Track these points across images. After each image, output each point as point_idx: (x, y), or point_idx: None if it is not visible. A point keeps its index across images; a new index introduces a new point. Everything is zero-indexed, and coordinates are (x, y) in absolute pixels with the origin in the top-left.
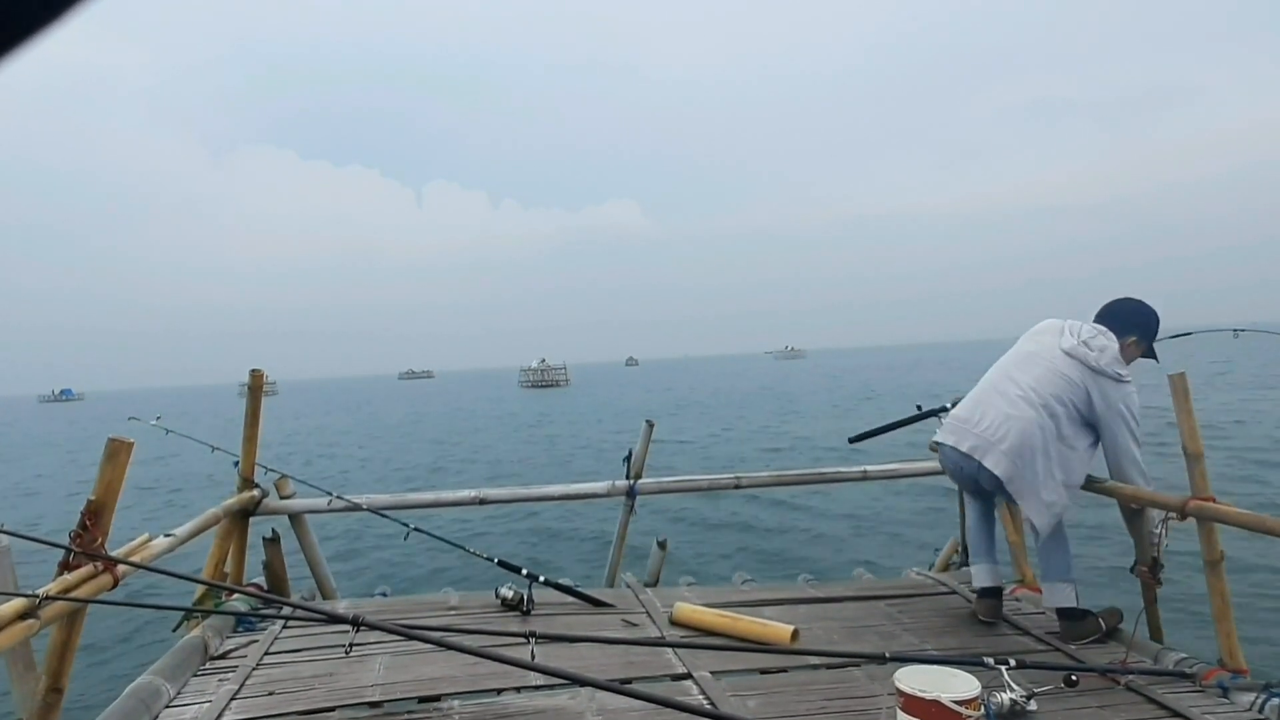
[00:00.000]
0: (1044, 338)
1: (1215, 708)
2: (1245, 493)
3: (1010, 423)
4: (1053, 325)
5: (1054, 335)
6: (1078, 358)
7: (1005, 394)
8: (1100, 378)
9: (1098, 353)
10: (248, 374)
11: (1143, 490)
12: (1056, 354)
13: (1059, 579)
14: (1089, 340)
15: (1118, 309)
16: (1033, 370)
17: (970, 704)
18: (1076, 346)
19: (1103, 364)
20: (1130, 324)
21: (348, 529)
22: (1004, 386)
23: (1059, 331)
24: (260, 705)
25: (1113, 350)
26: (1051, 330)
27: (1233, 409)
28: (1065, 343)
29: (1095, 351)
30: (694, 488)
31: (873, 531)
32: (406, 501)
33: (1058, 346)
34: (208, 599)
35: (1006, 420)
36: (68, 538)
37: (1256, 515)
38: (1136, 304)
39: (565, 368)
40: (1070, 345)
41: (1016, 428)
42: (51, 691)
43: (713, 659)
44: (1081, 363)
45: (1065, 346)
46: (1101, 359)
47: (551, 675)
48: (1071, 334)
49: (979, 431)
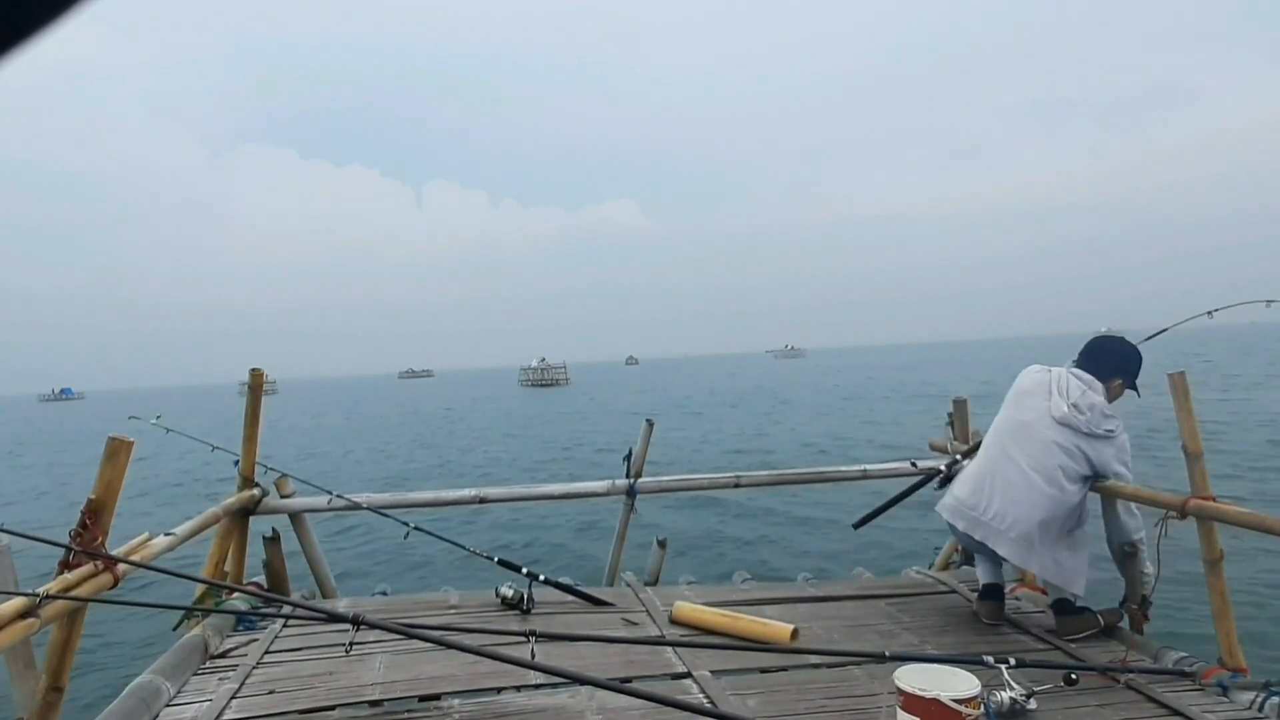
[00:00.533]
0: (1034, 401)
1: (1215, 706)
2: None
3: (1016, 509)
4: (1039, 383)
5: (1043, 398)
6: (1071, 426)
7: (1009, 480)
8: (1094, 441)
9: (1088, 415)
10: (248, 373)
11: (1142, 490)
12: (1049, 424)
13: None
14: (1078, 402)
15: (1101, 352)
16: (1030, 447)
17: (970, 703)
18: (1068, 415)
19: (1094, 428)
20: (1115, 368)
21: (349, 527)
22: (1006, 471)
23: (1047, 393)
24: (260, 704)
25: (1100, 405)
26: (1039, 390)
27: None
28: (1056, 410)
29: (1086, 414)
30: (694, 486)
31: (873, 530)
32: (407, 500)
33: (1049, 415)
34: (208, 598)
35: (1014, 506)
36: (68, 536)
37: (1256, 514)
38: (1117, 344)
39: (565, 367)
40: (1061, 414)
41: (1023, 515)
42: (52, 690)
43: (713, 658)
44: (1075, 430)
45: (1057, 415)
46: (1092, 422)
47: (551, 674)
48: (1060, 394)
49: (987, 520)
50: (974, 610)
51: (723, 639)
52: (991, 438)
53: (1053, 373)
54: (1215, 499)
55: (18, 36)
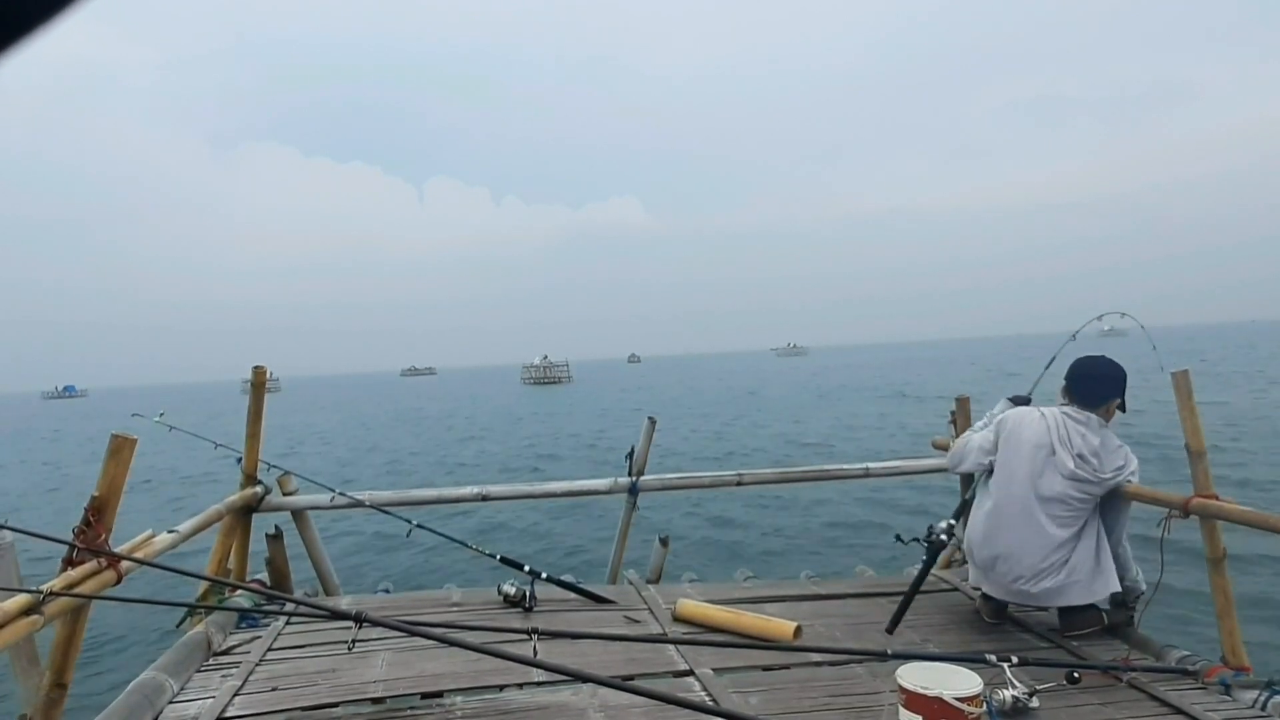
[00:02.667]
0: (1038, 456)
1: (1218, 705)
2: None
3: (1047, 564)
4: (1038, 430)
5: (1046, 451)
6: (1082, 479)
7: (1026, 544)
8: (1107, 483)
9: (1095, 462)
10: (250, 370)
11: (1144, 488)
12: (1060, 481)
13: None
14: (1083, 452)
15: (1088, 379)
16: (1048, 507)
17: (972, 701)
18: (1076, 470)
19: (1104, 471)
20: (1105, 393)
21: (350, 526)
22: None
23: (1050, 449)
24: (263, 701)
25: (1104, 444)
26: (1041, 442)
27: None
28: (1064, 468)
29: (1093, 461)
30: (696, 485)
31: (874, 530)
32: (409, 498)
33: (1058, 473)
34: (211, 595)
35: (1044, 561)
36: (71, 534)
37: (1260, 513)
38: (1103, 368)
39: (567, 364)
40: (1069, 470)
41: (1055, 566)
42: (55, 687)
43: (715, 655)
44: (1087, 481)
45: (1065, 473)
46: (1102, 468)
47: (554, 672)
48: (1064, 446)
49: (1018, 588)
50: (976, 608)
51: (725, 637)
52: (1000, 493)
53: (1049, 420)
54: (1218, 497)
55: (19, 33)
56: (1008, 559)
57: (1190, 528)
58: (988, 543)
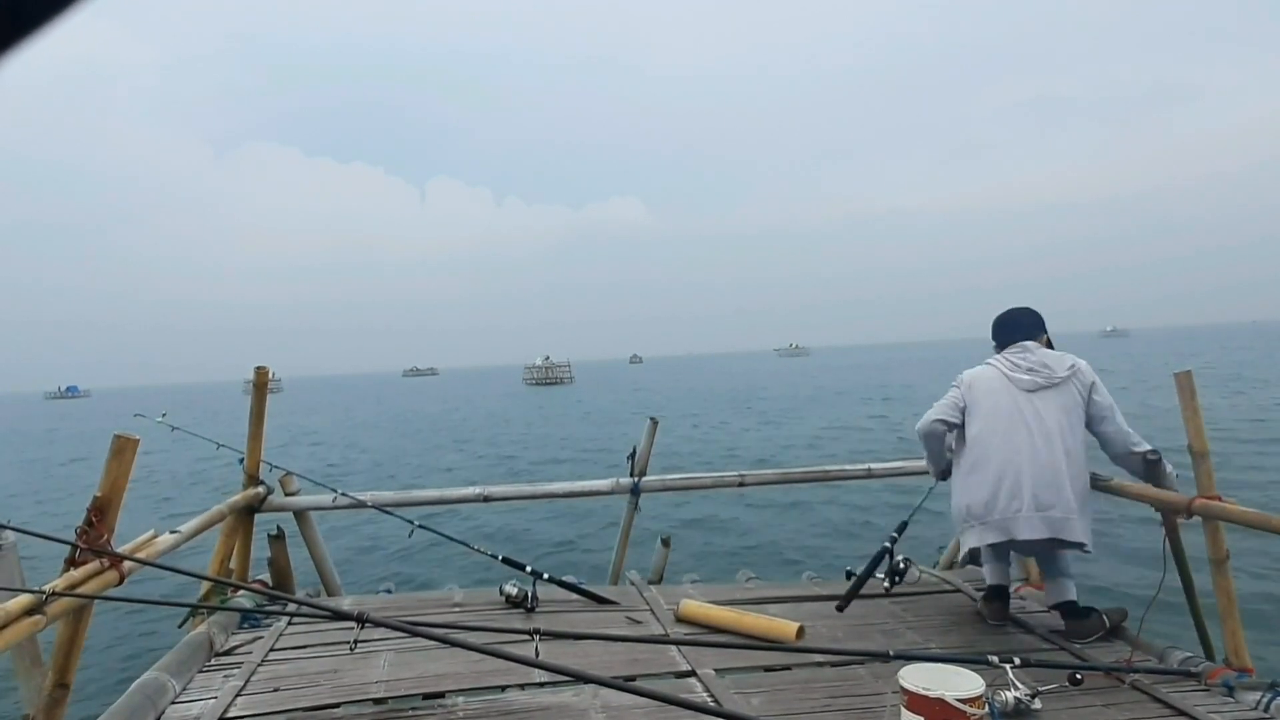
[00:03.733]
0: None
1: (1220, 706)
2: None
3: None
4: (992, 373)
5: (1004, 384)
6: (1043, 386)
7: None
8: (1069, 381)
9: (1046, 369)
10: (252, 371)
11: (1148, 489)
12: (1027, 400)
13: (1060, 574)
14: (1031, 365)
15: (1009, 323)
16: (1029, 427)
17: (974, 702)
18: (1032, 379)
19: (1057, 372)
20: (1030, 330)
21: (352, 526)
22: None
23: (1005, 379)
24: (265, 701)
25: (1050, 355)
26: (996, 381)
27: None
28: (1022, 384)
29: (1045, 369)
30: (698, 485)
31: (875, 530)
32: (411, 499)
33: (1022, 392)
34: (213, 595)
35: (1047, 488)
36: (74, 534)
37: (1262, 514)
38: (1020, 311)
39: (569, 365)
40: (1028, 382)
41: (1061, 486)
42: (58, 687)
43: (717, 656)
44: (1048, 387)
45: (1027, 387)
46: (1054, 370)
47: (556, 672)
48: (1015, 371)
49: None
50: (979, 610)
51: (727, 637)
52: (981, 442)
53: (996, 363)
54: (1221, 498)
55: (20, 33)
56: (1000, 493)
57: (1192, 528)
58: (980, 488)
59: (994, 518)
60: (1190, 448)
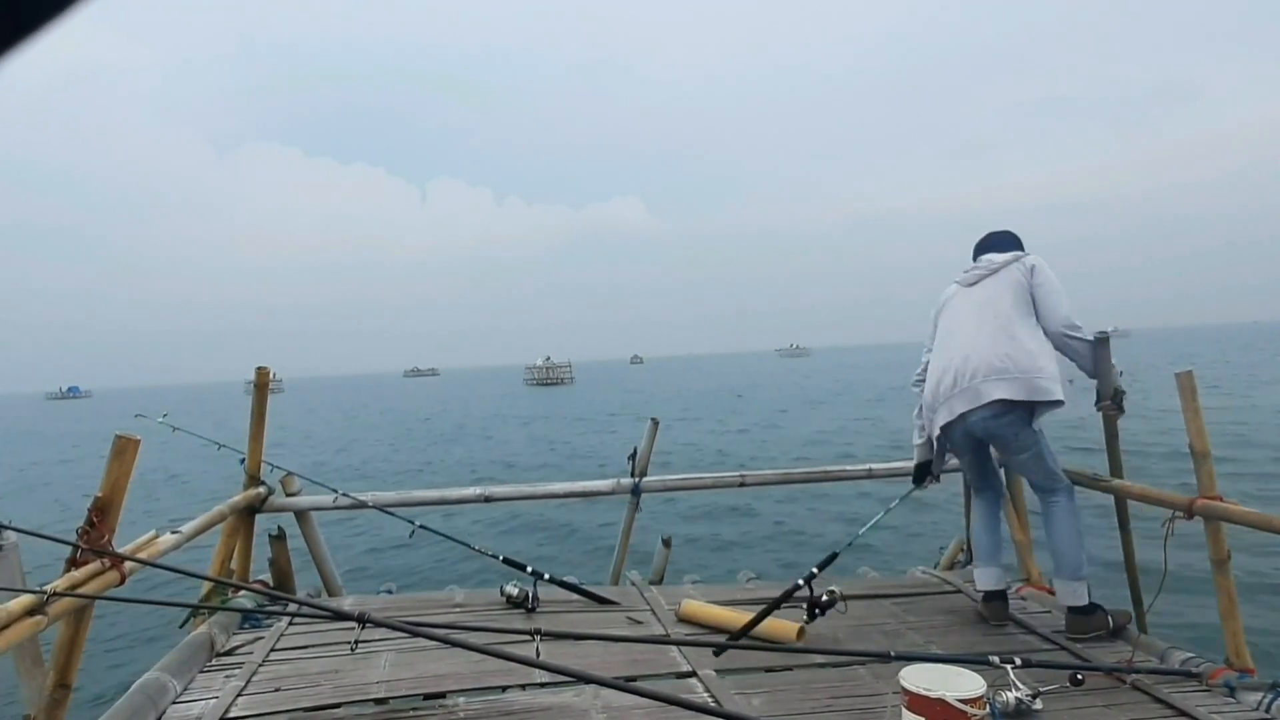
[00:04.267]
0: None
1: (1222, 707)
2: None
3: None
4: (953, 288)
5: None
6: (986, 275)
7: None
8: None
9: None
10: (254, 371)
11: (1150, 489)
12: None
13: (1073, 577)
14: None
15: (989, 241)
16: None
17: (975, 703)
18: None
19: (1023, 259)
20: (1008, 244)
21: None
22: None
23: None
24: (266, 701)
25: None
26: (954, 290)
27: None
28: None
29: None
30: (699, 485)
31: (877, 530)
32: (412, 499)
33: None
34: (214, 595)
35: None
36: (75, 534)
37: (1264, 514)
38: (999, 231)
39: (570, 365)
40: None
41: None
42: (59, 687)
43: (717, 657)
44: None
45: (970, 281)
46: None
47: (556, 673)
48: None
49: (978, 384)
50: (979, 610)
51: (727, 638)
52: (936, 349)
53: (958, 277)
54: (1222, 499)
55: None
56: (949, 372)
57: (1194, 529)
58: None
59: (938, 403)
60: (1191, 448)
